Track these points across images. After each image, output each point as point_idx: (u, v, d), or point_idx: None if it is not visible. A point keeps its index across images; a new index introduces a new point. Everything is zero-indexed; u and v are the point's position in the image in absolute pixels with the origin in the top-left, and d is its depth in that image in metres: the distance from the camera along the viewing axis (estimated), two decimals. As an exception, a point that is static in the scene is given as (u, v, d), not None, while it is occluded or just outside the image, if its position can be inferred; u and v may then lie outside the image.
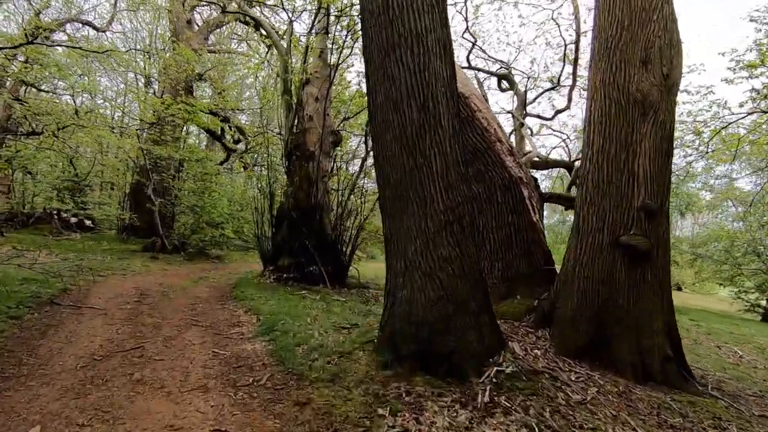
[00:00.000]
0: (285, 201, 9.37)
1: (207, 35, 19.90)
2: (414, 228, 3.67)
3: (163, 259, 11.44)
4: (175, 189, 13.52)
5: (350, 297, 7.98)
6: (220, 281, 9.60)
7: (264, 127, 11.02)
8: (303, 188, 9.13)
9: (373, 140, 3.96)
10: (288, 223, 9.06)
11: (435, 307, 3.61)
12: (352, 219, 9.31)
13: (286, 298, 7.14)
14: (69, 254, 10.07)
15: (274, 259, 9.04)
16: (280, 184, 10.24)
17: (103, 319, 5.06)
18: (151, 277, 8.71)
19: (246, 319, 5.76)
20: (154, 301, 6.43)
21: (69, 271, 7.61)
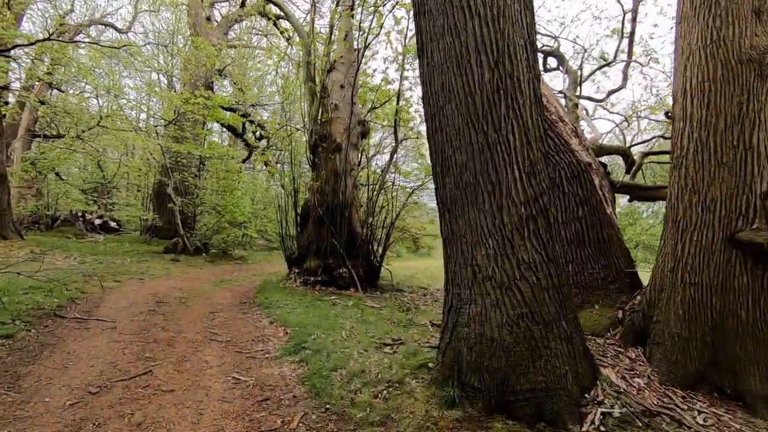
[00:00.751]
0: (310, 197, 8.64)
1: (226, 31, 19.44)
2: (485, 225, 2.81)
3: (184, 260, 10.93)
4: (196, 188, 13.03)
5: (385, 303, 7.18)
6: (242, 284, 8.97)
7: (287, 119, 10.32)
8: (329, 183, 8.37)
9: (428, 117, 3.11)
10: (314, 221, 8.33)
11: (515, 329, 2.75)
12: (383, 216, 8.50)
13: (314, 304, 6.40)
14: (88, 257, 9.66)
15: (299, 260, 8.33)
16: (305, 179, 9.52)
17: (110, 334, 4.41)
18: (170, 282, 8.14)
19: (271, 332, 5.02)
20: (170, 310, 5.79)
21: (83, 276, 7.09)
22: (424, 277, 13.03)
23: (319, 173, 8.45)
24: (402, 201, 9.45)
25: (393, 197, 8.64)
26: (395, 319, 5.83)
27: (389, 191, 8.51)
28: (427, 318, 6.14)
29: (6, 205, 9.95)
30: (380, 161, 13.30)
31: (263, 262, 13.70)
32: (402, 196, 9.92)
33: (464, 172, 2.87)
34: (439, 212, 3.18)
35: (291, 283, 7.90)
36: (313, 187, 8.54)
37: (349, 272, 7.73)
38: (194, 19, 17.28)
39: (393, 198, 8.65)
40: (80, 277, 6.93)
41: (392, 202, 8.58)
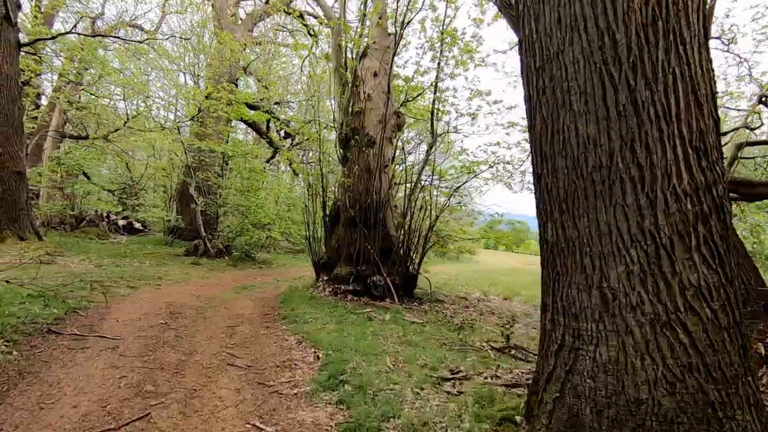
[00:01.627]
0: (340, 196, 7.82)
1: (251, 28, 19.01)
2: (625, 228, 1.88)
3: (205, 264, 10.31)
4: (219, 188, 12.45)
5: (426, 316, 6.26)
6: (266, 291, 8.22)
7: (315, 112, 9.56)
8: (362, 181, 7.53)
9: (529, 71, 2.20)
10: (345, 222, 7.50)
11: (679, 388, 1.79)
12: (420, 218, 7.58)
13: (347, 319, 5.54)
14: (105, 260, 9.13)
15: (329, 266, 7.51)
16: (334, 176, 8.72)
17: (109, 356, 3.66)
18: (188, 288, 7.45)
19: (300, 355, 4.18)
20: (184, 324, 5.04)
21: (94, 282, 6.46)
22: (458, 284, 12.04)
23: (351, 170, 7.62)
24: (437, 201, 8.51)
25: (431, 197, 7.70)
26: (445, 339, 4.89)
27: (429, 190, 7.58)
28: (480, 338, 5.18)
29: (24, 204, 9.55)
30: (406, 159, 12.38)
31: (288, 266, 12.98)
32: (437, 197, 8.98)
33: (591, 149, 1.93)
34: (541, 210, 2.25)
35: (319, 292, 7.07)
36: (343, 184, 7.72)
37: (385, 281, 6.84)
38: (219, 15, 16.89)
39: (431, 198, 7.72)
40: (91, 283, 6.29)
41: (431, 202, 7.66)
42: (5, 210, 9.19)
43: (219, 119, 12.65)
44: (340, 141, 7.99)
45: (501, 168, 8.11)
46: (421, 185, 7.78)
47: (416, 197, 7.65)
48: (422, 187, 7.70)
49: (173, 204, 16.46)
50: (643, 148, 1.83)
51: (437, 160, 12.08)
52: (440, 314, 6.69)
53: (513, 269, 24.69)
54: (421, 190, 7.54)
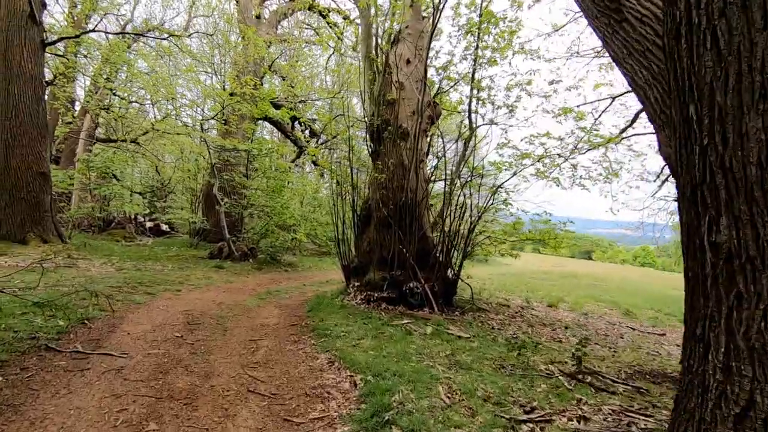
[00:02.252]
0: (371, 194, 7.17)
1: (276, 26, 18.70)
2: None
3: (229, 267, 9.85)
4: (244, 188, 12.04)
5: (472, 329, 5.50)
6: (292, 297, 7.65)
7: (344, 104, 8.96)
8: (395, 177, 6.84)
9: None
10: (377, 223, 6.83)
11: None
12: (459, 216, 6.82)
13: (384, 332, 4.85)
14: (127, 263, 8.78)
15: (359, 271, 6.86)
16: (364, 174, 8.08)
17: (111, 381, 3.10)
18: (210, 294, 6.95)
19: (333, 380, 3.52)
20: (202, 337, 4.47)
21: (110, 288, 6.03)
22: (494, 289, 11.19)
23: (383, 165, 6.94)
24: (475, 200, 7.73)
25: (471, 195, 6.93)
26: (501, 360, 4.13)
27: (473, 185, 6.81)
28: (542, 358, 4.39)
29: (48, 206, 9.35)
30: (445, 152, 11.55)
31: (314, 269, 12.44)
32: (477, 195, 8.18)
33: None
34: (705, 200, 1.49)
35: (350, 300, 6.42)
36: (375, 181, 7.06)
37: (422, 288, 6.13)
38: (243, 12, 16.62)
39: (470, 196, 6.94)
40: (106, 289, 5.85)
41: (470, 199, 6.88)
42: (29, 212, 9.00)
43: (243, 117, 12.25)
44: (371, 134, 7.34)
45: (548, 162, 7.24)
46: (460, 181, 7.03)
47: (456, 194, 6.90)
48: (463, 183, 6.93)
49: (199, 206, 16.25)
50: None
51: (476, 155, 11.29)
52: (486, 326, 5.92)
53: (545, 272, 23.52)
54: (461, 187, 6.79)
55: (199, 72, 17.08)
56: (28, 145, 9.17)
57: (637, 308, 11.12)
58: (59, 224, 9.88)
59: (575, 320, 7.92)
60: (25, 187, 9.02)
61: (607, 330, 7.21)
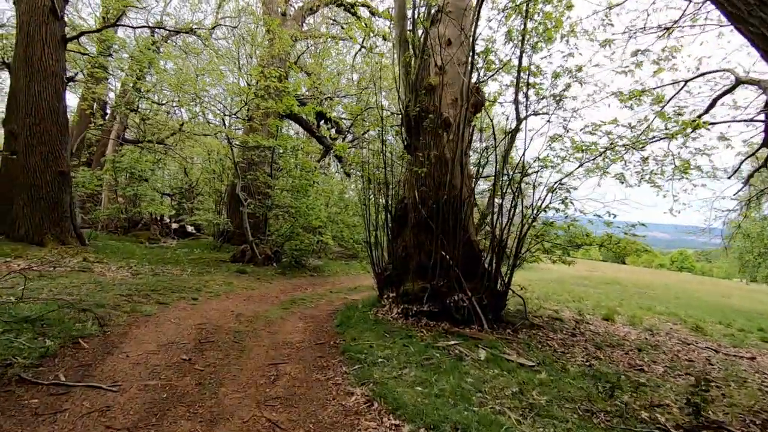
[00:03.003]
0: (407, 193, 6.34)
1: (301, 22, 18.18)
2: None
3: (251, 272, 9.22)
4: (269, 187, 11.43)
5: (533, 354, 4.57)
6: (318, 307, 6.91)
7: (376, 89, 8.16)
8: (436, 172, 5.99)
9: None
10: (414, 225, 5.99)
11: None
12: (509, 217, 5.88)
13: (431, 358, 3.99)
14: (145, 266, 8.27)
15: (394, 279, 6.02)
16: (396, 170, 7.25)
17: (89, 431, 2.38)
18: (228, 303, 6.28)
19: (374, 429, 2.70)
20: (213, 361, 3.75)
21: (120, 296, 5.43)
22: (537, 298, 10.14)
23: (423, 158, 6.10)
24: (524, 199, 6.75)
25: (522, 194, 5.98)
26: (588, 402, 3.21)
27: (518, 184, 5.87)
28: (640, 400, 3.42)
29: (67, 206, 8.97)
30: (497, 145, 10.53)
31: (341, 275, 11.70)
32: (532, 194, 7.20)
33: None
34: None
35: (385, 313, 5.59)
36: (411, 178, 6.23)
37: (469, 301, 5.23)
38: (269, 8, 16.16)
39: (522, 195, 5.99)
40: (114, 298, 5.25)
41: (522, 199, 5.94)
42: (47, 212, 8.63)
43: (267, 115, 11.65)
44: (407, 125, 6.50)
45: (611, 155, 6.20)
46: (509, 178, 6.09)
47: (516, 193, 5.96)
48: (509, 180, 5.99)
49: (223, 207, 15.84)
50: None
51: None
52: (547, 349, 4.97)
53: (583, 277, 22.10)
54: (510, 184, 5.85)
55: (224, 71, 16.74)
56: (47, 143, 8.83)
57: (702, 322, 9.82)
58: (79, 225, 9.51)
59: (642, 338, 6.83)
60: (44, 186, 8.67)
61: (687, 352, 6.10)
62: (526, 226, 5.70)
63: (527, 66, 6.79)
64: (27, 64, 8.87)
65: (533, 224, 5.70)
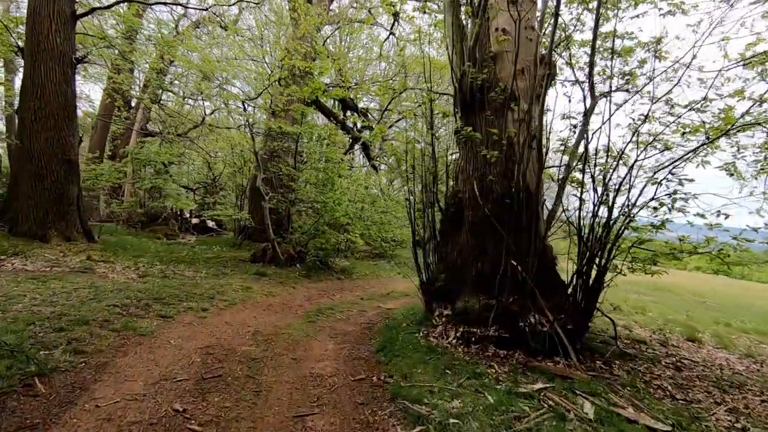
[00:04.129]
0: (462, 185, 5.14)
1: (327, 6, 17.13)
2: None
3: (272, 274, 8.21)
4: (292, 180, 10.41)
5: (648, 402, 3.32)
6: (350, 318, 5.84)
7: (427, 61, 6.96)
8: (498, 160, 4.77)
9: None
10: (471, 225, 4.80)
11: None
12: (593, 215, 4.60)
13: (521, 416, 2.81)
14: (156, 267, 7.37)
15: (447, 293, 4.83)
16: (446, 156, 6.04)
17: None
18: (244, 314, 5.25)
19: None
20: (217, 410, 2.68)
21: (117, 307, 4.45)
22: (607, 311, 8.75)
23: (482, 143, 4.89)
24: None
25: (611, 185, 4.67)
26: None
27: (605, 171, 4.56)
28: None
29: (74, 198, 8.19)
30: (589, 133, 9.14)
31: (370, 277, 10.60)
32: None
33: None
34: None
35: (438, 336, 4.42)
36: (467, 167, 5.03)
37: (551, 325, 4.00)
38: None
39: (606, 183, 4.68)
40: (108, 310, 4.28)
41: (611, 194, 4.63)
42: (52, 204, 7.85)
43: (291, 101, 10.61)
44: (461, 101, 5.29)
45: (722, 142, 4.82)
46: (590, 167, 4.80)
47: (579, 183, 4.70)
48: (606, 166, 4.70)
49: (245, 201, 14.98)
50: None
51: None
52: (660, 392, 3.70)
53: (632, 282, 20.27)
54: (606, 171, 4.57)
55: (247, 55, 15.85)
56: (53, 128, 8.04)
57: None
58: (87, 220, 8.72)
59: (753, 370, 5.43)
60: (48, 176, 7.89)
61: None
62: (617, 227, 4.41)
63: (612, 31, 5.50)
64: (33, 42, 8.10)
65: (630, 224, 4.40)
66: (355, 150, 19.46)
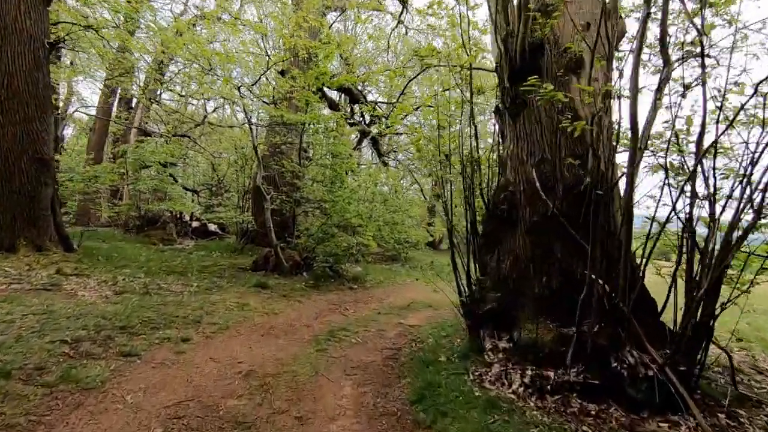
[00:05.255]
0: (514, 175, 3.97)
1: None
2: None
3: (275, 285, 7.10)
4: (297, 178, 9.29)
5: None
6: (368, 342, 4.74)
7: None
8: (564, 142, 3.61)
9: None
10: (532, 226, 3.62)
11: None
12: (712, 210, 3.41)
13: None
14: (138, 279, 6.30)
15: (497, 316, 3.67)
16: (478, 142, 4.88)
17: None
18: (236, 344, 4.14)
19: None
20: None
21: (58, 345, 3.36)
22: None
23: (536, 120, 3.73)
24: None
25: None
26: None
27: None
28: None
29: (48, 202, 7.15)
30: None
31: (385, 284, 9.46)
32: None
33: None
34: None
35: (495, 381, 3.24)
36: (519, 152, 3.87)
37: (660, 367, 2.83)
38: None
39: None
40: (50, 349, 3.19)
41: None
42: (20, 209, 6.81)
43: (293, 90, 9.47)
44: (509, 67, 4.12)
45: None
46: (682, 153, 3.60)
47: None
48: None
49: (247, 202, 13.92)
50: None
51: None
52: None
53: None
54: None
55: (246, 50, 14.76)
56: (22, 121, 7.01)
57: None
58: (64, 226, 7.67)
59: None
60: (17, 176, 6.85)
61: None
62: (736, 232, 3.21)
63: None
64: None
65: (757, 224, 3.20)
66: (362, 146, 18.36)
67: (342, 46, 11.21)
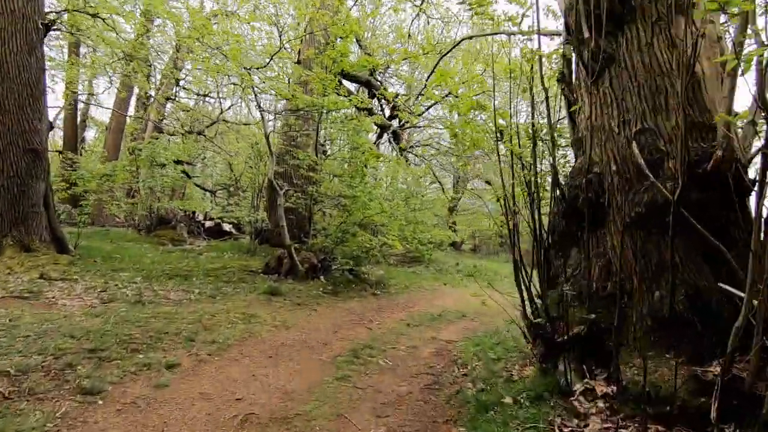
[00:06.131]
0: (596, 153, 2.98)
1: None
2: None
3: (289, 291, 6.22)
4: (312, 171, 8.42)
5: None
6: (398, 366, 3.83)
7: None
8: (665, 101, 2.59)
9: None
10: (634, 217, 2.62)
11: None
12: None
13: None
14: (133, 285, 5.51)
15: (584, 342, 2.68)
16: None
17: None
18: (235, 371, 3.26)
19: None
20: None
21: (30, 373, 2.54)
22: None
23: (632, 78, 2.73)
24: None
25: None
26: None
27: None
28: None
29: (39, 198, 6.45)
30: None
31: (411, 289, 8.53)
32: None
33: None
34: None
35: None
36: (606, 121, 2.88)
37: None
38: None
39: None
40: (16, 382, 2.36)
41: None
42: (9, 205, 6.12)
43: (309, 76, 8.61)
44: (584, 11, 3.13)
45: None
46: None
47: None
48: None
49: (261, 200, 13.15)
50: None
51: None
52: None
53: None
54: None
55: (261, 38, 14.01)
56: (12, 109, 6.33)
57: None
58: (58, 223, 6.97)
59: None
60: (5, 169, 6.17)
61: None
62: None
63: None
64: (-13, 3, 6.42)
65: None
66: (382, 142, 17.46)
67: (361, 26, 10.29)
